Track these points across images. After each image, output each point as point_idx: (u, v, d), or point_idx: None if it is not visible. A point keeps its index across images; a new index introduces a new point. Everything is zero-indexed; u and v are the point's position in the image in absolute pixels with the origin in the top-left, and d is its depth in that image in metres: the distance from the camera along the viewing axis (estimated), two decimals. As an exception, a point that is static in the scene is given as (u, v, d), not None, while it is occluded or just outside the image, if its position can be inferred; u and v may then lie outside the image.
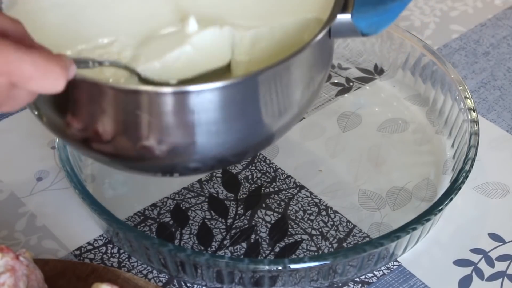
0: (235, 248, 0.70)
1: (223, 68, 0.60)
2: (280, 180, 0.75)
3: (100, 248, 0.70)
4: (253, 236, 0.71)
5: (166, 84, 0.56)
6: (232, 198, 0.74)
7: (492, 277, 0.68)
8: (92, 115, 0.54)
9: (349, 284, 0.67)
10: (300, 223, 0.72)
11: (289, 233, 0.71)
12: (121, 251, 0.69)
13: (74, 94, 0.54)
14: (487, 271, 0.68)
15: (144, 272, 0.68)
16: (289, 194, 0.74)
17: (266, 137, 0.59)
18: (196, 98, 0.53)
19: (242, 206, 0.73)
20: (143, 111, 0.53)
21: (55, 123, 0.57)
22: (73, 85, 0.52)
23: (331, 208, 0.73)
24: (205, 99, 0.53)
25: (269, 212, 0.73)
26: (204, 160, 0.56)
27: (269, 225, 0.71)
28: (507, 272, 0.68)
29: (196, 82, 0.54)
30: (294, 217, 0.72)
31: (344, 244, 0.70)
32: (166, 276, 0.68)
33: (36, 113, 0.59)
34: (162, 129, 0.54)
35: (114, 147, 0.55)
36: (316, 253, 0.69)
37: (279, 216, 0.72)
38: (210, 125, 0.54)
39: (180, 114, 0.53)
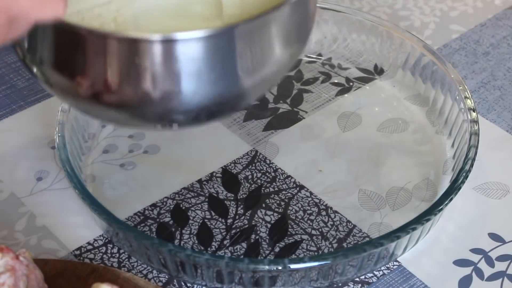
0: (235, 248, 0.70)
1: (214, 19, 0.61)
2: (280, 180, 0.75)
3: (100, 248, 0.70)
4: (253, 236, 0.71)
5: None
6: (232, 198, 0.74)
7: (492, 277, 0.68)
8: (95, 67, 0.56)
9: (349, 284, 0.67)
10: (300, 223, 0.72)
11: (289, 233, 0.71)
12: (121, 251, 0.69)
13: (74, 49, 0.55)
14: (487, 271, 0.68)
15: (144, 272, 0.68)
16: (289, 194, 0.74)
17: (251, 87, 0.60)
18: (182, 45, 0.55)
19: (242, 206, 0.73)
20: (135, 56, 0.54)
21: (63, 85, 0.58)
22: (72, 39, 0.54)
23: (331, 208, 0.73)
24: (192, 46, 0.55)
25: (269, 212, 0.73)
26: (191, 109, 0.58)
27: (269, 225, 0.72)
28: (507, 272, 0.68)
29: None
30: (294, 217, 0.72)
31: (344, 244, 0.70)
32: (166, 276, 0.68)
33: (43, 79, 0.60)
34: (154, 73, 0.55)
35: (119, 96, 0.57)
36: (316, 253, 0.69)
37: (279, 216, 0.72)
38: (198, 71, 0.56)
39: (168, 59, 0.55)
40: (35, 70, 0.59)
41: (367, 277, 0.68)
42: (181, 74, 0.56)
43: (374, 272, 0.68)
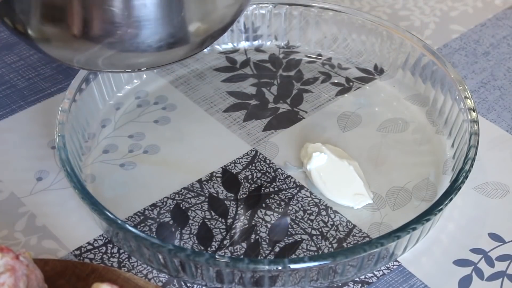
0: (235, 248, 0.70)
1: None
2: (280, 180, 0.75)
3: (100, 248, 0.70)
4: (253, 236, 0.71)
5: None
6: (232, 198, 0.74)
7: (492, 277, 0.68)
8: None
9: (349, 284, 0.67)
10: (300, 223, 0.72)
11: (289, 233, 0.71)
12: (121, 251, 0.69)
13: None
14: (487, 271, 0.69)
15: (144, 272, 0.68)
16: (289, 194, 0.74)
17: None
18: None
19: (242, 206, 0.73)
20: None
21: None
22: None
23: (331, 208, 0.73)
24: None
25: (269, 212, 0.73)
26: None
27: (269, 225, 0.72)
28: (507, 272, 0.68)
29: None
30: (294, 217, 0.72)
31: (344, 244, 0.70)
32: (166, 276, 0.68)
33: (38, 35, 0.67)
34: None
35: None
36: (316, 253, 0.69)
37: (279, 216, 0.72)
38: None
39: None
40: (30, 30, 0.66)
41: (367, 277, 0.68)
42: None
43: (374, 272, 0.68)
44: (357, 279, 0.68)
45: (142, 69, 0.72)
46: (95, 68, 0.71)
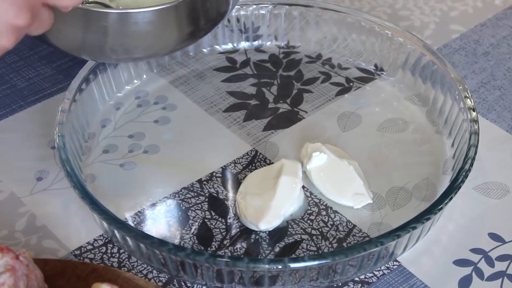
0: (235, 248, 0.70)
1: None
2: (280, 180, 0.75)
3: (100, 248, 0.70)
4: (253, 236, 0.71)
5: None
6: (232, 198, 0.74)
7: (492, 277, 0.68)
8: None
9: (349, 284, 0.67)
10: (300, 223, 0.72)
11: (289, 233, 0.71)
12: (121, 251, 0.69)
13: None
14: (487, 271, 0.68)
15: (144, 272, 0.68)
16: (289, 194, 0.74)
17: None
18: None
19: (242, 206, 0.73)
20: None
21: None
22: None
23: (331, 208, 0.73)
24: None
25: (269, 212, 0.72)
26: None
27: (269, 225, 0.72)
28: (507, 272, 0.68)
29: None
30: (294, 217, 0.72)
31: (344, 244, 0.70)
32: (166, 276, 0.68)
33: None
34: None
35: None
36: (316, 253, 0.69)
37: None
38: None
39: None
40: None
41: (367, 277, 0.68)
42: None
43: (374, 272, 0.68)
44: (357, 279, 0.68)
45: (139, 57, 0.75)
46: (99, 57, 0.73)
